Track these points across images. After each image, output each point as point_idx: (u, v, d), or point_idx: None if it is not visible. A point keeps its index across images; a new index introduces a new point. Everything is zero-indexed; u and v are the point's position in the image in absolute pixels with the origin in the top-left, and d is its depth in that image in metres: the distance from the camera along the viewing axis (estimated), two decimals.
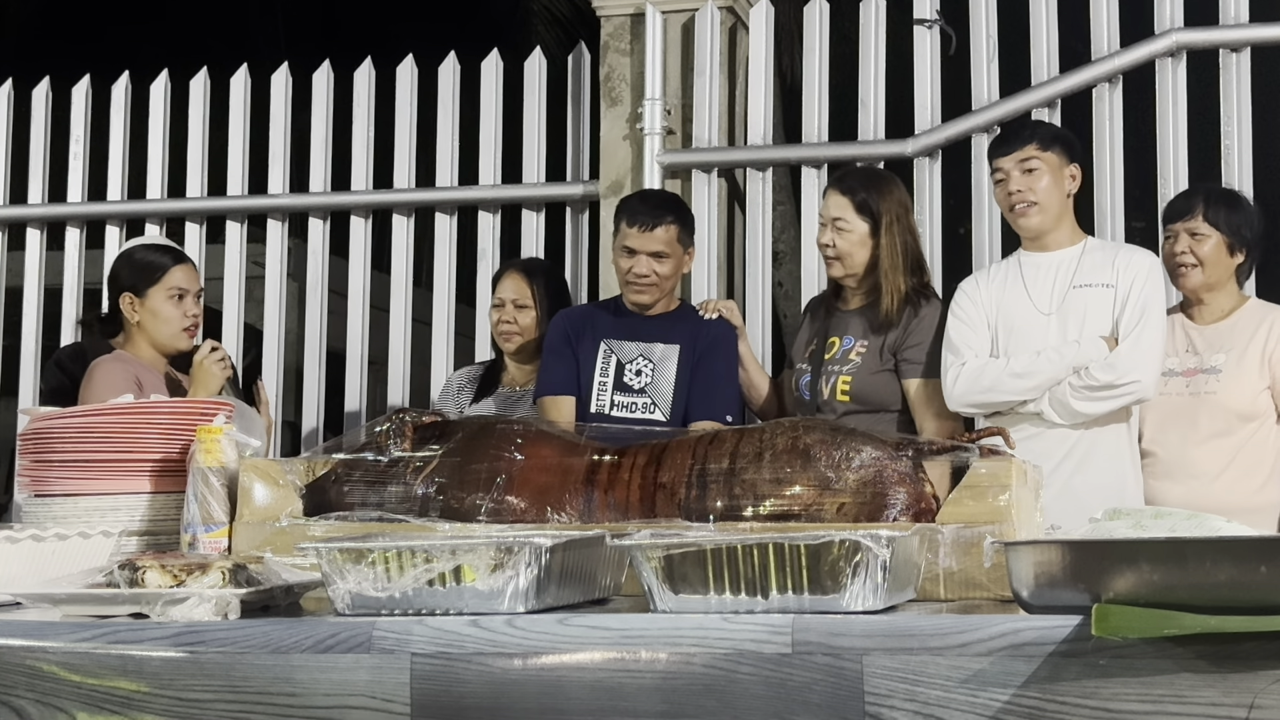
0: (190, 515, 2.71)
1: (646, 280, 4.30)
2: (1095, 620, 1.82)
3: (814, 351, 4.22)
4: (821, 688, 1.94)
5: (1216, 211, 4.13)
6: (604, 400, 4.26)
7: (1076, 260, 4.08)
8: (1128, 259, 4.05)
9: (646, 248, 4.29)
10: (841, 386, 4.12)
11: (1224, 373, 4.08)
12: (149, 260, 4.23)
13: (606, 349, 4.31)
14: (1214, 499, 3.82)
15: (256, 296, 5.99)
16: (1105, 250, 4.13)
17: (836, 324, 4.22)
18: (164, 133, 5.93)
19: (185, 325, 4.19)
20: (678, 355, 4.28)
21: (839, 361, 4.14)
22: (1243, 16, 4.92)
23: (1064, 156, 4.10)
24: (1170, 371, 4.11)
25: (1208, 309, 4.19)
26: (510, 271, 4.75)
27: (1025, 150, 4.06)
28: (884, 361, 4.11)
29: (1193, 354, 4.14)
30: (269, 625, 2.15)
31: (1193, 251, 4.12)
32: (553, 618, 2.09)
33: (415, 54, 5.77)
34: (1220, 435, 4.05)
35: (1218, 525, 2.38)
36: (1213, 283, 4.15)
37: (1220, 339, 4.14)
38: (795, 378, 4.25)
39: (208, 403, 2.99)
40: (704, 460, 2.61)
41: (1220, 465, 4.04)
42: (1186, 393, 4.10)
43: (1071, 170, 4.11)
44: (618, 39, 5.48)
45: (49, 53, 9.38)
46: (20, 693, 2.16)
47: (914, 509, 2.50)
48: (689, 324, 4.34)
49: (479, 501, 2.66)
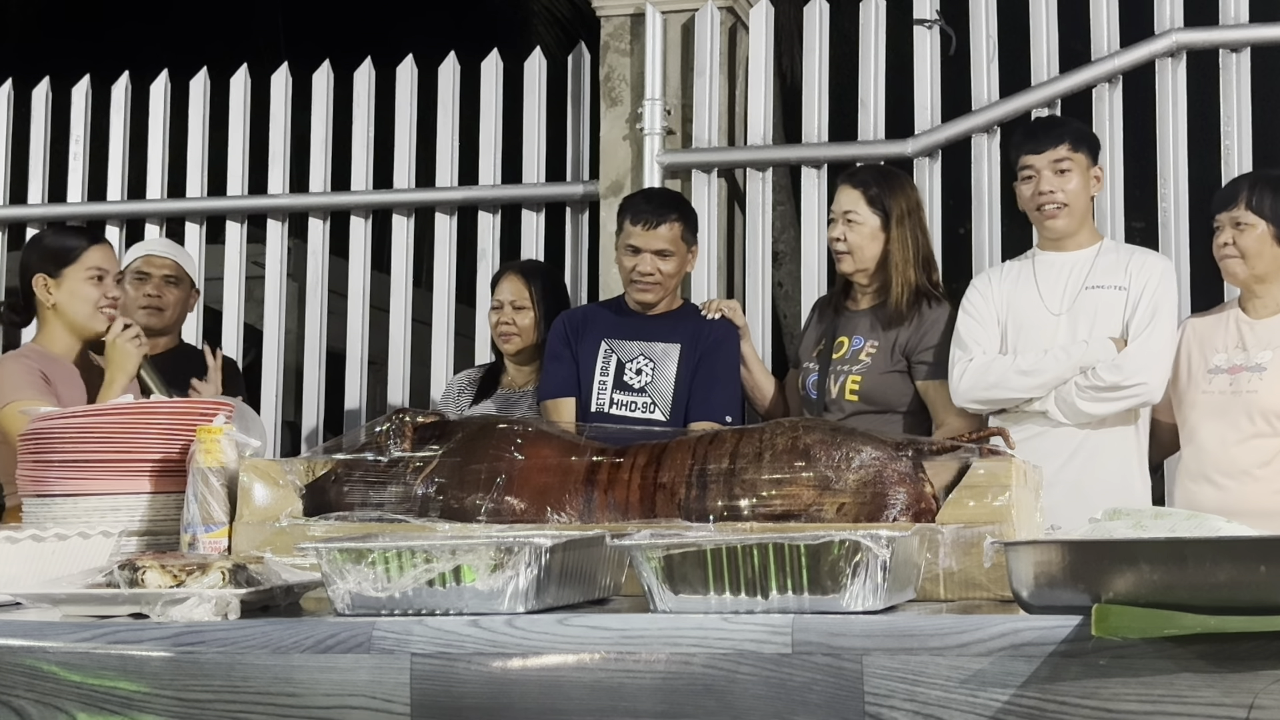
0: (190, 515, 2.71)
1: (651, 279, 4.30)
2: (1095, 620, 1.82)
3: (822, 351, 4.21)
4: (821, 688, 1.94)
5: (1262, 198, 3.93)
6: (604, 399, 4.27)
7: (1091, 261, 4.06)
8: (1141, 262, 4.03)
9: (651, 245, 4.29)
10: (850, 386, 4.11)
11: (1268, 371, 3.91)
12: (63, 243, 4.06)
13: (607, 348, 4.31)
14: (1253, 501, 3.75)
15: (256, 296, 5.99)
16: (1119, 253, 4.10)
17: (845, 323, 4.21)
18: (164, 133, 5.93)
19: (102, 305, 3.97)
20: (679, 355, 4.28)
21: (848, 361, 4.14)
22: (1243, 16, 4.92)
23: (1091, 157, 4.09)
24: (1216, 368, 3.97)
25: (1261, 302, 4.00)
26: (509, 273, 4.76)
27: (1058, 150, 4.03)
28: (894, 362, 4.11)
29: (1241, 350, 3.97)
30: (269, 625, 2.15)
31: (1236, 243, 3.93)
32: (553, 618, 2.09)
33: (415, 54, 5.77)
34: (1261, 435, 3.89)
35: (1218, 525, 2.38)
36: (1261, 274, 3.95)
37: (1269, 334, 3.96)
38: (802, 377, 4.24)
39: (207, 403, 2.99)
40: (704, 460, 2.61)
41: (1259, 466, 3.89)
42: (1229, 391, 3.93)
43: (1096, 171, 4.10)
44: (618, 39, 5.48)
45: (49, 53, 9.37)
46: (20, 693, 2.16)
47: (914, 509, 2.49)
48: (691, 323, 4.34)
49: (479, 501, 2.66)
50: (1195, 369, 4.02)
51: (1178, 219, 4.83)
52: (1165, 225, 4.87)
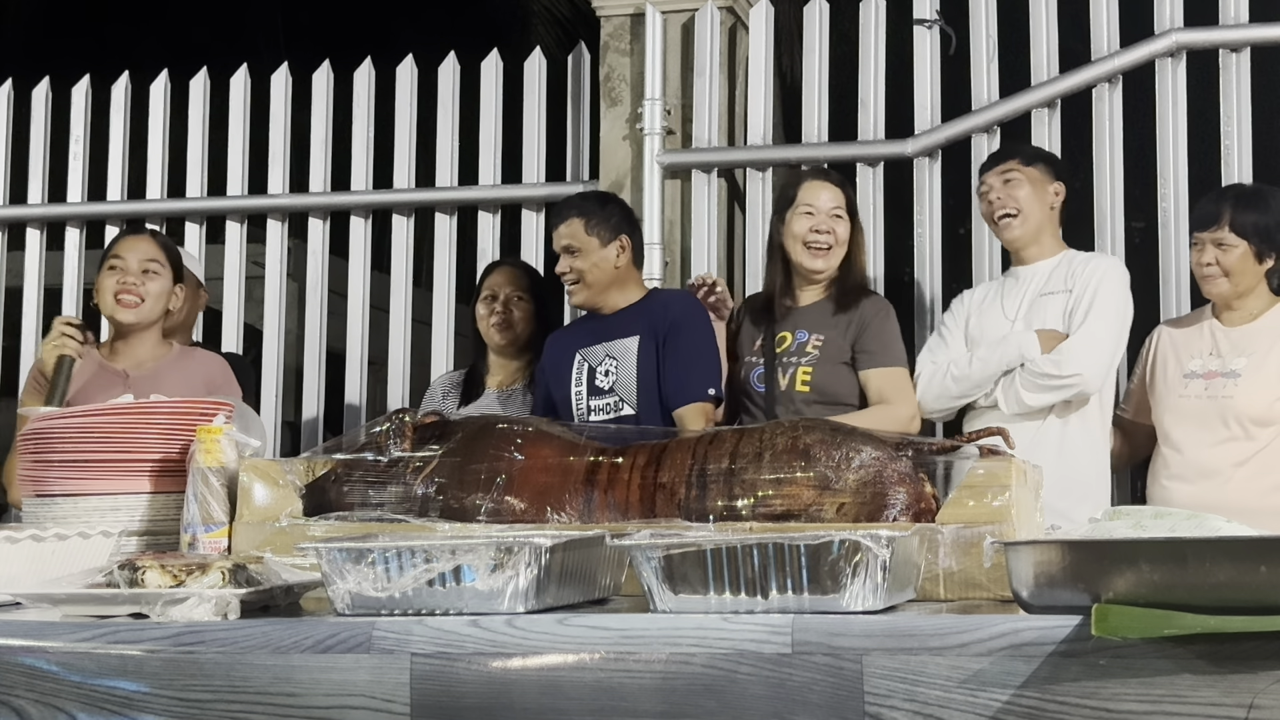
0: (190, 515, 2.71)
1: (568, 278, 4.32)
2: (1095, 620, 1.82)
3: (763, 344, 4.25)
4: (821, 688, 1.94)
5: (1244, 219, 4.07)
6: (581, 408, 4.24)
7: (1049, 272, 4.22)
8: (1086, 264, 4.19)
9: (559, 244, 4.32)
10: (801, 378, 4.17)
11: (1243, 378, 4.06)
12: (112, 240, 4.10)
13: (580, 359, 4.29)
14: (1225, 499, 3.84)
15: (256, 296, 5.99)
16: (1074, 261, 4.24)
17: (784, 321, 4.26)
18: (164, 133, 5.93)
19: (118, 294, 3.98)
20: (637, 345, 4.24)
21: (794, 354, 4.21)
22: (1243, 16, 4.92)
23: (1047, 174, 4.27)
24: (1192, 374, 4.12)
25: (1236, 313, 4.17)
26: (504, 266, 4.77)
27: (1007, 164, 4.25)
28: (842, 355, 4.19)
29: (1216, 356, 4.13)
30: (269, 625, 2.15)
31: (1219, 262, 4.09)
32: (552, 618, 2.09)
33: (415, 54, 5.77)
34: (1235, 439, 4.05)
35: (1218, 525, 2.38)
36: (1242, 290, 4.13)
37: (1244, 342, 4.12)
38: (745, 371, 4.26)
39: (207, 402, 2.99)
40: (704, 460, 2.61)
41: (1233, 467, 4.04)
42: (1205, 395, 4.09)
43: (1055, 187, 4.26)
44: (618, 39, 5.48)
45: (49, 52, 9.38)
46: (20, 693, 2.16)
47: (914, 509, 2.49)
48: (648, 312, 4.28)
49: (479, 501, 2.66)
50: (1171, 374, 4.18)
51: (1178, 219, 4.83)
52: (1165, 225, 4.87)
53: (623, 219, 4.35)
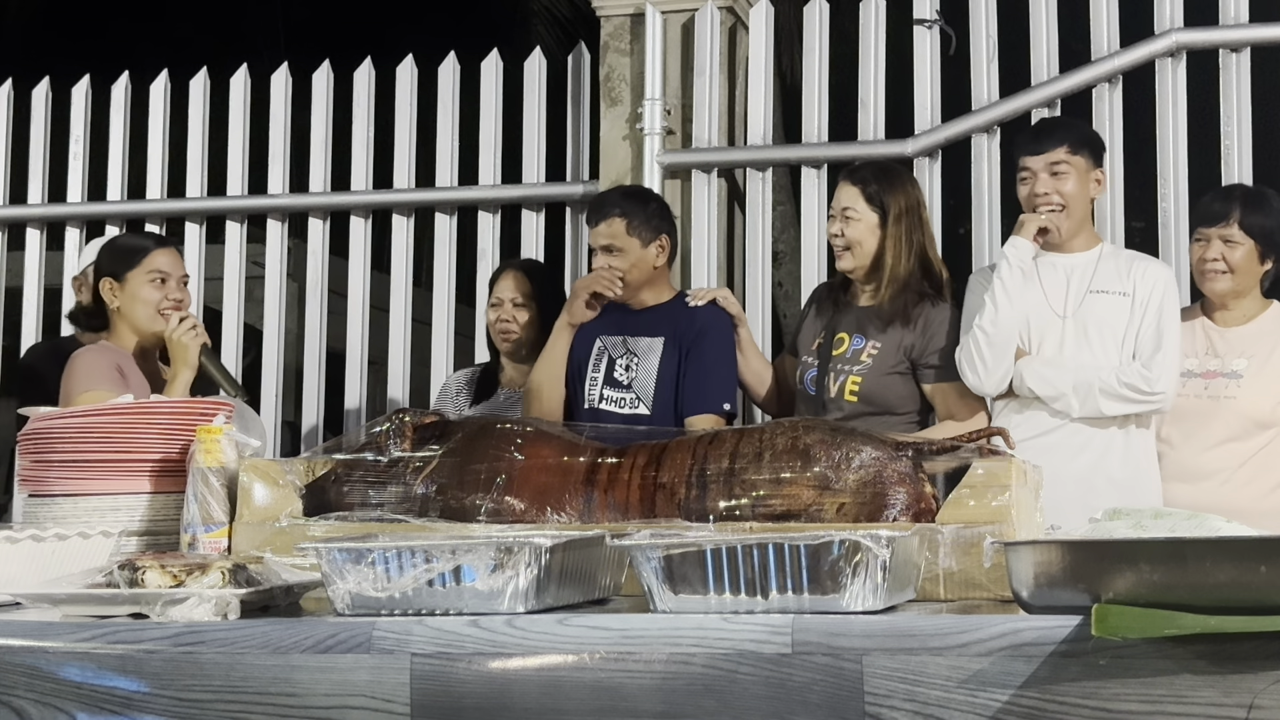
0: (190, 515, 2.71)
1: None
2: (1095, 620, 1.82)
3: (821, 345, 4.17)
4: (821, 688, 1.94)
5: (1252, 218, 4.06)
6: (594, 395, 4.25)
7: (1093, 266, 4.10)
8: (1144, 269, 4.08)
9: (598, 243, 4.29)
10: (850, 386, 4.07)
11: (1245, 379, 4.04)
12: (130, 245, 4.14)
13: (601, 345, 4.30)
14: (1223, 500, 3.81)
15: (256, 296, 5.99)
16: (1120, 258, 4.14)
17: (845, 320, 4.17)
18: (164, 133, 5.93)
19: (164, 308, 4.01)
20: (661, 348, 4.24)
21: (848, 360, 4.10)
22: (1243, 16, 4.92)
23: (1091, 160, 4.10)
24: (1189, 373, 4.08)
25: (1231, 313, 4.15)
26: (508, 270, 4.76)
27: (1056, 153, 4.05)
28: (896, 364, 4.08)
29: (1213, 356, 4.11)
30: (269, 625, 2.15)
31: (1225, 259, 4.07)
32: (553, 618, 2.09)
33: (415, 54, 5.77)
34: (1235, 440, 4.03)
35: (1218, 525, 2.38)
36: (1241, 289, 4.11)
37: (1243, 343, 4.10)
38: (801, 371, 4.21)
39: (207, 402, 2.99)
40: (704, 460, 2.61)
41: (1232, 469, 4.02)
42: (1205, 395, 4.07)
43: (1097, 175, 4.12)
44: (618, 39, 5.48)
45: (49, 52, 9.38)
46: (20, 693, 2.16)
47: (914, 509, 2.49)
48: (676, 316, 4.28)
49: (479, 501, 2.66)
50: None
51: (1178, 219, 4.83)
52: (1165, 225, 4.87)
53: (663, 218, 4.36)
